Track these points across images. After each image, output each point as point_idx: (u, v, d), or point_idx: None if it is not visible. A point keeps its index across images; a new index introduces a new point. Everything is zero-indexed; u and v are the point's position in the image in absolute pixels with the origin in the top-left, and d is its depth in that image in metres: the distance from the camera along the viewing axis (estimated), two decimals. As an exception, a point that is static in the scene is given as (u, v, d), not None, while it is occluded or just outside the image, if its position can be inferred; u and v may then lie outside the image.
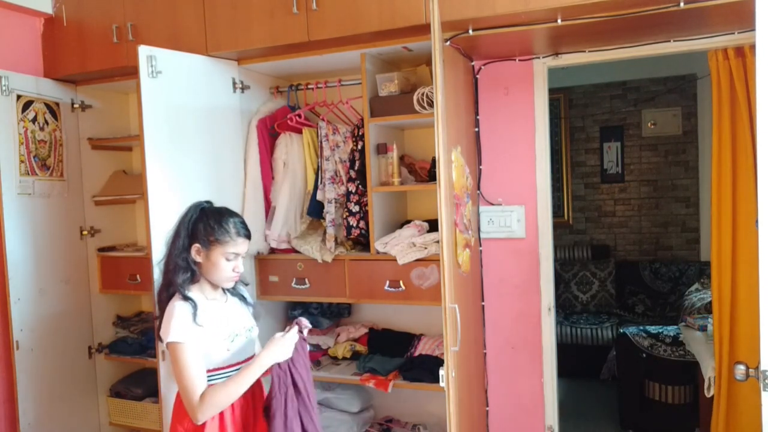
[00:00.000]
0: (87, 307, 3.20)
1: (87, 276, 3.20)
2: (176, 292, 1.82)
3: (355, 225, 2.64)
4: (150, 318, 3.37)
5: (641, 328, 3.94)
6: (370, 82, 2.60)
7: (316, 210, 2.74)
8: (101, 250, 3.24)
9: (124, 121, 3.40)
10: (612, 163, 5.41)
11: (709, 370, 2.71)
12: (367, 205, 2.62)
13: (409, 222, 2.72)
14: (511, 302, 2.83)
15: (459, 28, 2.32)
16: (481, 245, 2.84)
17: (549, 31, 2.30)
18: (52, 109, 3.02)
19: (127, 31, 2.77)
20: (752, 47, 2.32)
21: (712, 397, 2.67)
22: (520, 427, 2.86)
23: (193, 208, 1.89)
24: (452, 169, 2.30)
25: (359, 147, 2.66)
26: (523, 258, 2.81)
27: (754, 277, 1.67)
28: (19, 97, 2.84)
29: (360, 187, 2.64)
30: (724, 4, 2.00)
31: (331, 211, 2.67)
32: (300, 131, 2.81)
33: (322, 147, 2.69)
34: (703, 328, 3.21)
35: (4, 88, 2.77)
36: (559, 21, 2.19)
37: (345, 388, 2.94)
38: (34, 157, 2.91)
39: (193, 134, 2.52)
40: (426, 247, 2.54)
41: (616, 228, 5.44)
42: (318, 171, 2.74)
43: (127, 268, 3.14)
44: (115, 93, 3.36)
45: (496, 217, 2.81)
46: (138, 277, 3.11)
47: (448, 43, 2.38)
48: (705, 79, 4.64)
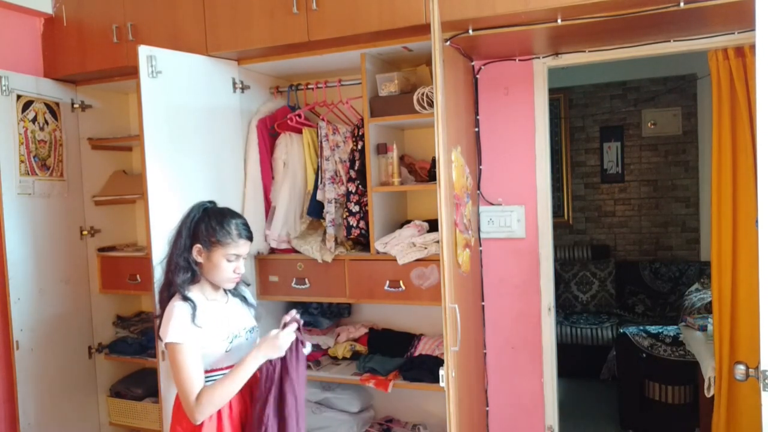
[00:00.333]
0: (87, 307, 3.20)
1: (87, 276, 3.20)
2: (176, 292, 1.82)
3: (355, 225, 2.64)
4: (150, 318, 3.38)
5: (641, 328, 3.94)
6: (370, 82, 2.60)
7: (316, 210, 2.74)
8: (101, 250, 3.24)
9: (124, 121, 3.40)
10: (612, 163, 5.41)
11: (709, 370, 2.71)
12: (367, 205, 2.62)
13: (409, 222, 2.72)
14: (511, 302, 2.84)
15: (459, 28, 2.32)
16: (481, 245, 2.85)
17: (549, 31, 2.30)
18: (52, 109, 3.02)
19: (127, 31, 2.78)
20: (752, 47, 2.32)
21: (712, 397, 2.67)
22: (520, 427, 2.86)
23: (195, 208, 1.88)
24: (452, 169, 2.30)
25: (359, 147, 2.66)
26: (523, 258, 2.81)
27: (754, 277, 1.67)
28: (19, 97, 2.84)
29: (360, 187, 2.64)
30: (724, 4, 2.00)
31: (331, 211, 2.67)
32: (300, 131, 2.81)
33: (322, 147, 2.69)
34: (703, 328, 3.20)
35: (4, 88, 2.77)
36: (559, 21, 2.20)
37: (345, 388, 2.95)
38: (34, 157, 2.91)
39: (193, 134, 2.52)
40: (426, 247, 2.53)
41: (616, 228, 5.44)
42: (318, 171, 2.74)
43: (127, 268, 3.15)
44: (115, 93, 3.36)
45: (496, 217, 2.81)
46: (138, 277, 3.11)
47: (448, 43, 2.38)
48: (705, 79, 4.64)
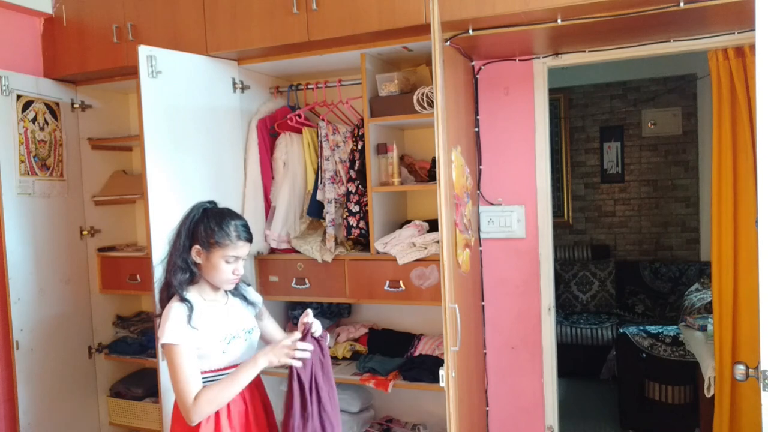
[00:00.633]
0: (87, 307, 3.20)
1: (87, 276, 3.20)
2: (175, 292, 1.82)
3: (355, 225, 2.64)
4: (150, 318, 3.38)
5: (641, 328, 3.94)
6: (370, 82, 2.60)
7: (316, 210, 2.74)
8: (101, 250, 3.24)
9: (124, 121, 3.40)
10: (612, 163, 5.41)
11: (709, 370, 2.70)
12: (367, 205, 2.62)
13: (409, 222, 2.72)
14: (511, 302, 2.84)
15: (459, 28, 2.32)
16: (481, 245, 2.84)
17: (549, 31, 2.30)
18: (52, 109, 3.02)
19: (127, 31, 2.78)
20: (752, 47, 2.32)
21: (712, 397, 2.67)
22: (520, 427, 2.86)
23: (195, 209, 1.86)
24: (452, 169, 2.30)
25: (359, 147, 2.66)
26: (523, 258, 2.81)
27: (754, 277, 1.67)
28: (19, 97, 2.84)
29: (360, 187, 2.64)
30: (724, 4, 2.00)
31: (331, 211, 2.67)
32: (300, 131, 2.81)
33: (322, 147, 2.69)
34: (703, 328, 3.20)
35: (4, 88, 2.77)
36: (559, 21, 2.20)
37: (345, 388, 2.94)
38: (34, 157, 2.91)
39: (193, 134, 2.52)
40: (426, 247, 2.53)
41: (616, 228, 5.44)
42: (318, 171, 2.74)
43: (127, 268, 3.14)
44: (115, 93, 3.36)
45: (496, 217, 2.81)
46: (138, 277, 3.11)
47: (448, 43, 2.38)
48: (705, 79, 4.64)
